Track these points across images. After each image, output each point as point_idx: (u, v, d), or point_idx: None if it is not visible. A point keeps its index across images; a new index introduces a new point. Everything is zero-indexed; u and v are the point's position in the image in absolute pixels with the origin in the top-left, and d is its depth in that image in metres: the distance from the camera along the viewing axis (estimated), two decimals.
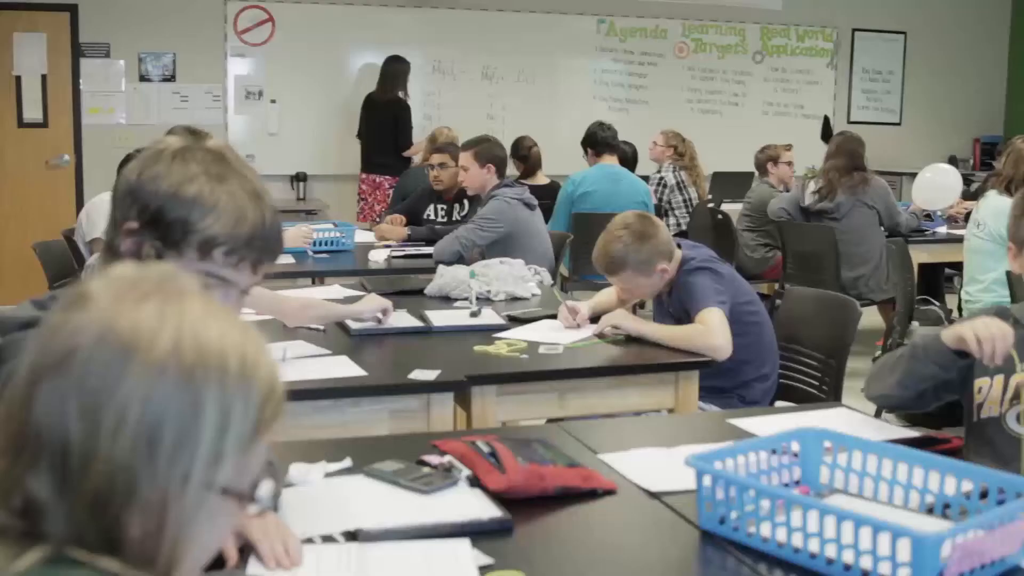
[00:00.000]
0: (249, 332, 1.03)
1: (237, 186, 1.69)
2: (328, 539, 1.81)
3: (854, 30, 11.19)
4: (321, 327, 3.52)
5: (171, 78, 9.04)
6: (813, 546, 1.71)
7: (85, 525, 0.95)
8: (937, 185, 7.05)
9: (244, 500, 1.02)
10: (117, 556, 0.95)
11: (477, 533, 1.85)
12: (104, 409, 0.95)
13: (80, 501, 0.95)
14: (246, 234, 1.67)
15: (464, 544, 1.80)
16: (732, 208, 7.69)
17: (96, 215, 5.34)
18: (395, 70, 8.90)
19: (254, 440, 1.01)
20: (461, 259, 5.03)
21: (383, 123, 8.72)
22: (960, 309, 5.69)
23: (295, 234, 5.30)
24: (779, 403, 3.67)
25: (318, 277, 5.06)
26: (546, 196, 7.01)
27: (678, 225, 7.81)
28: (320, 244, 5.44)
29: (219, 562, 1.63)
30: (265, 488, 1.03)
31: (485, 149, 5.36)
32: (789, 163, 7.57)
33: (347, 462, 2.19)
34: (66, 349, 0.97)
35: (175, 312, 0.99)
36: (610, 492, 2.08)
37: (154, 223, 1.67)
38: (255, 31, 9.14)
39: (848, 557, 1.66)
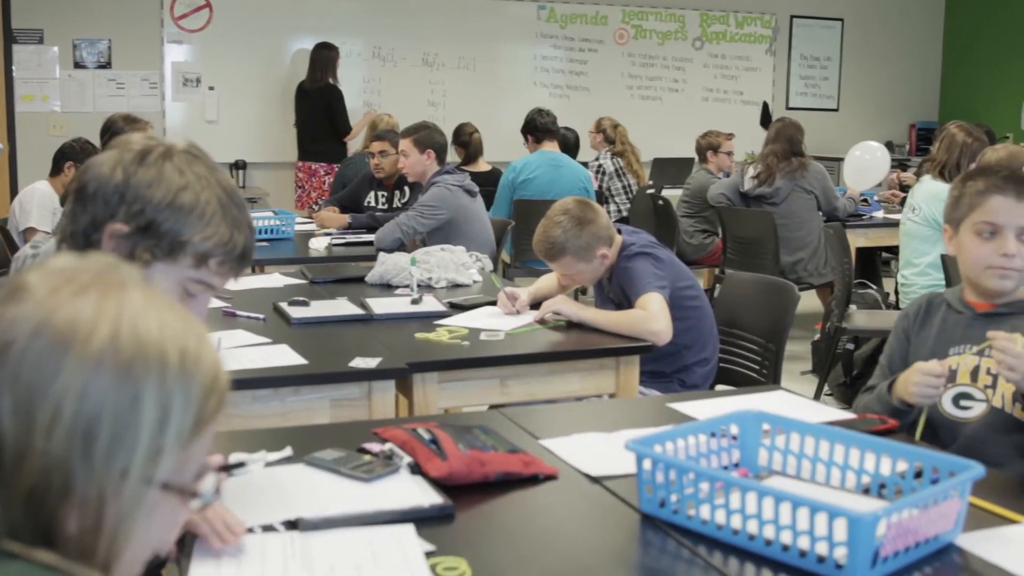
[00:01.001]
0: (192, 323, 1.02)
1: (223, 192, 1.71)
2: (268, 529, 1.80)
3: (792, 16, 11.29)
4: (261, 315, 3.50)
5: (107, 65, 8.91)
6: (752, 528, 1.73)
7: (20, 519, 0.94)
8: (866, 163, 7.14)
9: (186, 495, 1.01)
10: (54, 550, 0.94)
11: (419, 520, 1.84)
12: (39, 404, 0.93)
13: (15, 496, 0.93)
14: (241, 246, 1.72)
15: (408, 530, 1.80)
16: (672, 194, 7.73)
17: (29, 204, 5.26)
18: (324, 57, 8.86)
19: (196, 434, 1.00)
20: (402, 246, 5.02)
21: (316, 110, 8.70)
22: (897, 292, 5.76)
23: None
24: (719, 387, 3.70)
25: (258, 266, 5.01)
26: (487, 183, 7.01)
27: (619, 211, 7.84)
28: (260, 232, 5.40)
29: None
30: (208, 482, 1.02)
31: (425, 136, 5.35)
32: (729, 152, 7.62)
33: (287, 451, 2.18)
34: (1, 343, 0.95)
35: (114, 304, 0.97)
36: (551, 477, 2.09)
37: (147, 230, 1.68)
38: (192, 17, 9.04)
39: (786, 538, 1.68)
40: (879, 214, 7.31)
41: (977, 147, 5.33)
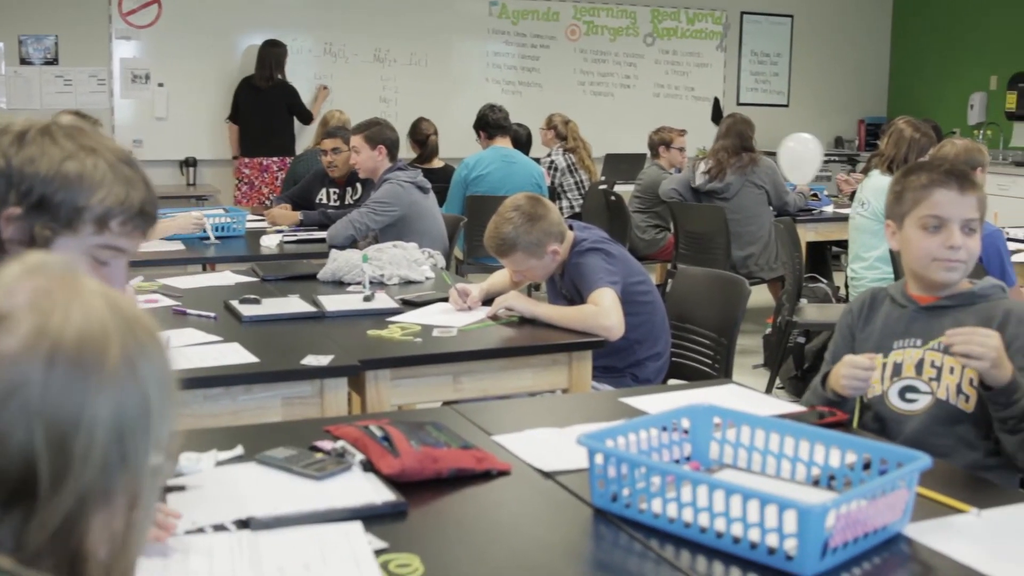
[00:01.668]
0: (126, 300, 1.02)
1: (111, 155, 1.70)
2: (220, 528, 1.79)
3: (742, 13, 11.36)
4: (212, 314, 3.48)
5: (54, 61, 8.81)
6: (703, 520, 1.74)
7: (45, 550, 0.93)
8: (799, 155, 7.20)
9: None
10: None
11: (371, 517, 1.84)
12: (74, 436, 0.92)
13: (44, 527, 0.92)
14: (138, 201, 1.70)
15: (356, 527, 1.79)
16: (625, 189, 7.76)
17: None
18: (275, 53, 8.85)
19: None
20: (354, 243, 5.00)
21: (273, 107, 8.67)
22: (847, 286, 5.82)
23: (185, 221, 5.22)
24: (671, 381, 3.72)
25: (209, 263, 4.98)
26: (440, 179, 7.01)
27: (571, 207, 7.86)
28: (212, 230, 5.36)
29: None
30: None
31: (376, 132, 5.33)
32: (681, 149, 7.65)
33: (239, 450, 2.17)
34: (15, 381, 0.91)
35: (97, 307, 0.97)
36: (504, 473, 2.09)
37: (40, 206, 1.66)
38: (141, 13, 8.95)
39: (737, 530, 1.69)
40: (829, 208, 7.38)
41: (925, 142, 5.39)
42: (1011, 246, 5.15)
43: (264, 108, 8.73)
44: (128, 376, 0.95)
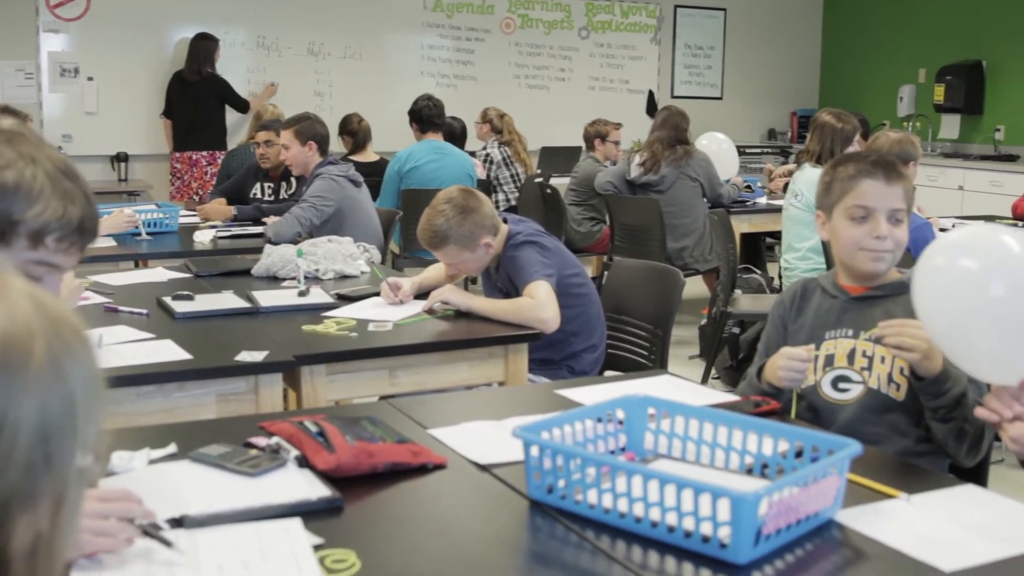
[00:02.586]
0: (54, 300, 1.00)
1: (51, 165, 1.63)
2: (154, 527, 1.76)
3: (676, 6, 11.43)
4: (144, 311, 3.44)
5: None
6: (638, 510, 1.75)
7: None
8: (711, 154, 7.27)
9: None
10: None
11: (307, 513, 1.83)
12: None
13: None
14: (76, 218, 1.62)
15: (296, 523, 1.78)
16: (560, 182, 7.78)
17: None
18: (205, 47, 8.77)
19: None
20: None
21: (202, 101, 8.59)
22: (780, 276, 5.88)
23: (117, 218, 5.15)
24: (608, 372, 3.74)
25: (142, 260, 4.92)
26: (375, 173, 6.99)
27: (507, 200, 7.87)
28: (145, 226, 5.29)
29: None
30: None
31: (306, 127, 5.29)
32: (616, 142, 7.68)
33: (172, 448, 2.15)
34: None
35: (21, 305, 0.94)
36: (440, 467, 2.09)
37: None
38: (69, 5, 8.79)
39: (672, 519, 1.71)
40: (762, 200, 7.45)
41: (849, 131, 5.48)
42: (940, 236, 5.23)
43: (193, 102, 8.66)
44: (53, 377, 0.93)
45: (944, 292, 2.09)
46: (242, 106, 8.86)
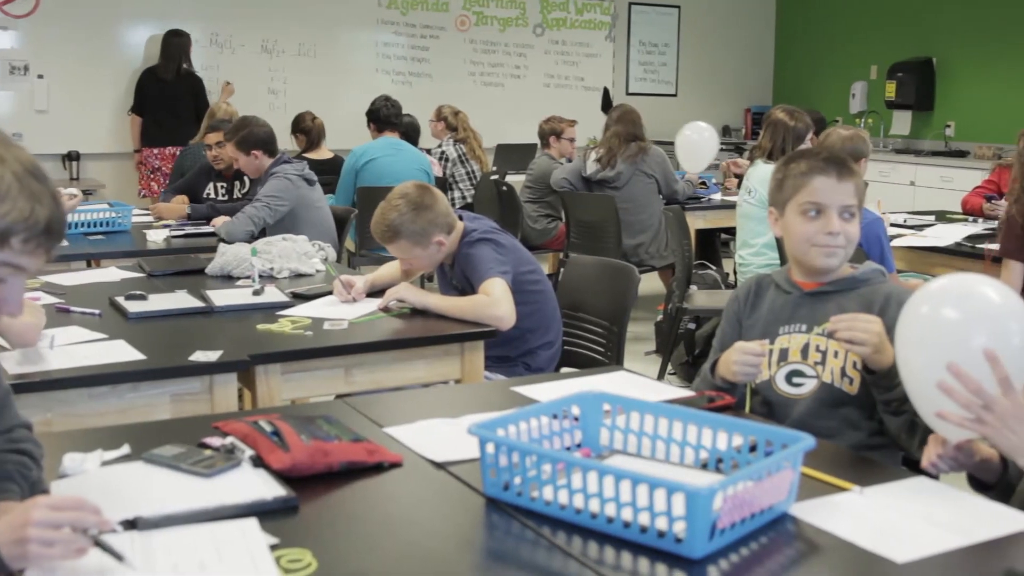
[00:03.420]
0: None
1: (19, 165, 1.59)
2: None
3: (630, 3, 11.47)
4: (97, 311, 3.41)
5: None
6: (594, 506, 1.76)
7: None
8: (695, 144, 7.31)
9: None
10: None
11: (262, 513, 1.82)
12: None
13: None
14: (44, 218, 1.59)
15: (252, 523, 1.77)
16: (516, 180, 7.78)
17: None
18: (179, 43, 8.71)
19: None
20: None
21: (179, 98, 8.55)
22: (735, 272, 5.92)
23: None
24: (564, 369, 3.75)
25: (94, 260, 4.87)
26: (329, 170, 6.97)
27: (463, 198, 7.86)
28: (96, 225, 5.25)
29: None
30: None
31: (246, 135, 5.25)
32: (571, 139, 7.69)
33: (125, 449, 2.13)
34: None
35: None
36: (396, 465, 2.08)
37: None
38: (18, 2, 8.66)
39: (627, 515, 1.71)
40: (717, 196, 7.49)
41: (801, 128, 5.52)
42: (891, 231, 5.29)
43: (170, 99, 8.61)
44: None
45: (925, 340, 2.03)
46: (204, 109, 8.75)
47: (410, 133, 7.79)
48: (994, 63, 9.89)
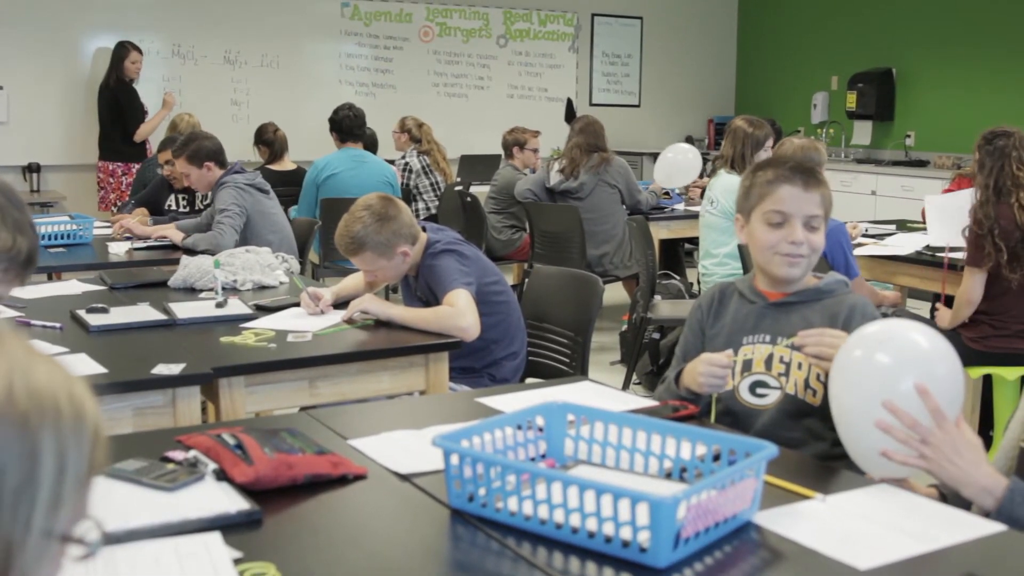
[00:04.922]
0: (68, 370, 0.98)
1: (1, 196, 1.58)
2: None
3: (593, 15, 11.51)
4: (58, 324, 3.38)
5: None
6: (559, 517, 1.76)
7: None
8: (676, 164, 7.34)
9: (75, 544, 0.97)
10: None
11: (226, 527, 1.81)
12: None
13: None
14: (26, 248, 1.58)
15: (215, 537, 1.76)
16: (480, 190, 7.79)
17: None
18: (117, 54, 8.60)
19: (88, 482, 0.97)
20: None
21: (111, 108, 8.45)
22: (699, 282, 5.95)
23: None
24: (529, 380, 3.75)
25: (55, 272, 4.82)
26: (292, 182, 6.95)
27: (427, 209, 7.86)
28: (57, 238, 5.20)
29: None
30: (92, 531, 0.98)
31: (195, 148, 5.23)
32: (535, 150, 7.71)
33: None
34: None
35: (1, 359, 0.93)
36: (360, 477, 2.08)
37: None
38: None
39: (592, 525, 1.71)
40: (680, 207, 7.52)
41: (760, 136, 5.56)
42: (854, 240, 5.33)
43: (107, 109, 8.51)
44: (15, 423, 0.91)
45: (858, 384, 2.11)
46: (132, 127, 8.49)
47: (370, 146, 7.78)
48: (953, 74, 10.01)
